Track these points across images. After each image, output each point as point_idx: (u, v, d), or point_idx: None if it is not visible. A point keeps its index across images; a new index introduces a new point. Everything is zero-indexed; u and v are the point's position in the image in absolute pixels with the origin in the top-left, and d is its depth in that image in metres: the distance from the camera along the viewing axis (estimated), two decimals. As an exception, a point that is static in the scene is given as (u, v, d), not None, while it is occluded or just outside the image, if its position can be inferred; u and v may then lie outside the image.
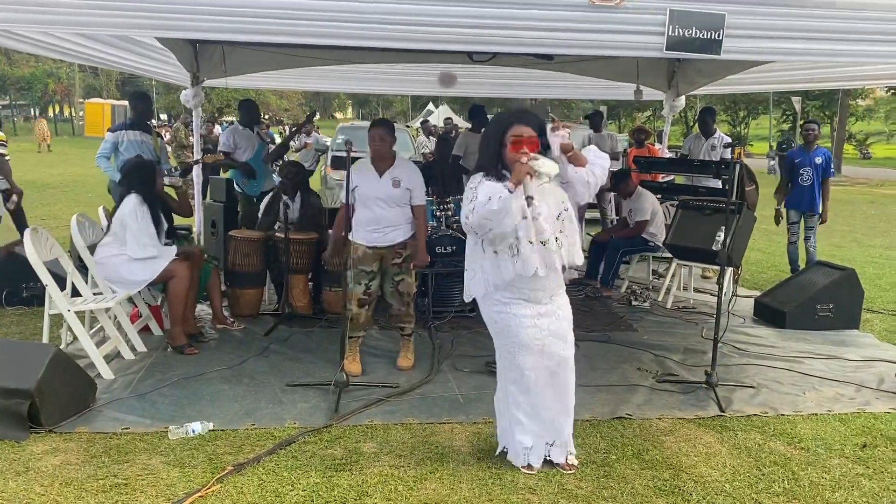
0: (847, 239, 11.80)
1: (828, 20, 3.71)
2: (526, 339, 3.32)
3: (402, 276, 4.84)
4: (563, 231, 3.29)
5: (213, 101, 37.22)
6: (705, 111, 8.27)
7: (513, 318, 3.33)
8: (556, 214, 3.28)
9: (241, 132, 7.34)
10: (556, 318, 3.37)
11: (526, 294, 3.30)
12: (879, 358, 5.41)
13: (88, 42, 5.78)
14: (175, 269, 5.01)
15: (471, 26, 3.60)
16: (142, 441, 3.68)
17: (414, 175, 4.80)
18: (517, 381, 3.41)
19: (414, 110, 48.16)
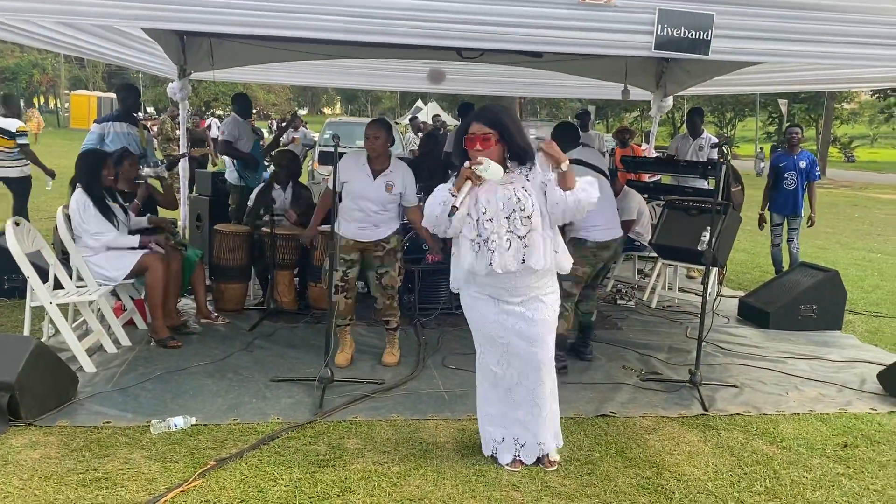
0: (831, 241, 11.91)
1: (816, 22, 3.73)
2: (489, 334, 3.34)
3: (386, 269, 4.83)
4: (514, 231, 3.18)
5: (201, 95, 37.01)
6: (694, 111, 8.31)
7: (477, 312, 3.36)
8: (506, 214, 3.19)
9: (242, 123, 7.39)
10: (525, 319, 3.28)
11: (488, 290, 3.29)
12: (861, 359, 5.45)
13: (73, 32, 5.71)
14: (150, 262, 4.97)
15: (460, 22, 3.59)
16: (123, 435, 3.65)
17: (407, 177, 4.78)
18: (485, 374, 3.45)
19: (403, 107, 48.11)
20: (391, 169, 4.72)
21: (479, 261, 3.20)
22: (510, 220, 3.17)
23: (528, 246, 3.18)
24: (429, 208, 3.25)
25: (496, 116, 3.23)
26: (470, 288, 3.35)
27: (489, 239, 3.17)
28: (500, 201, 3.18)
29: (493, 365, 3.38)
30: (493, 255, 3.16)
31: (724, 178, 5.63)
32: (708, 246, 4.65)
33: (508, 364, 3.35)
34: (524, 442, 3.44)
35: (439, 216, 3.19)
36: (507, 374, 3.37)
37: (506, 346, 3.32)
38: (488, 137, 3.18)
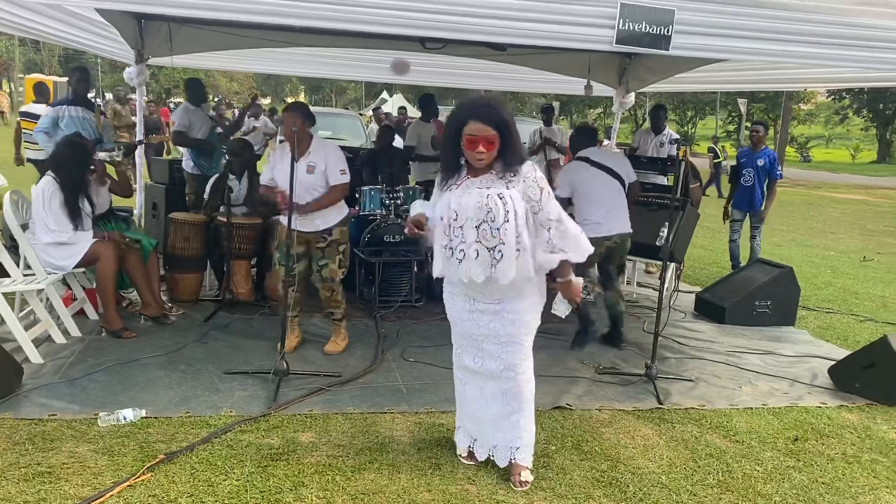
0: (786, 238, 12.14)
1: (775, 21, 3.77)
2: (464, 331, 3.26)
3: (326, 262, 4.78)
4: (482, 241, 2.96)
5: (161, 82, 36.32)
6: (658, 107, 8.40)
7: (453, 307, 3.28)
8: (475, 224, 2.96)
9: (194, 111, 7.14)
10: (501, 319, 3.14)
11: (462, 289, 3.18)
12: (813, 354, 5.56)
13: (24, 13, 5.49)
14: (101, 250, 4.84)
15: (422, 10, 3.55)
16: (69, 428, 3.55)
17: (330, 155, 4.68)
18: (461, 370, 3.38)
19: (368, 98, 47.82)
20: (311, 150, 4.65)
21: (448, 267, 3.10)
22: (479, 230, 2.96)
23: (496, 259, 2.96)
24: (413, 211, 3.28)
25: (499, 115, 2.95)
26: (447, 284, 3.27)
27: (457, 247, 3.02)
28: (470, 209, 2.96)
29: (468, 362, 3.29)
30: (459, 263, 3.01)
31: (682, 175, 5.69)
32: (665, 241, 4.69)
33: (482, 362, 3.24)
34: (496, 443, 3.31)
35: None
36: (480, 372, 3.26)
37: (479, 344, 3.22)
38: (493, 140, 2.94)
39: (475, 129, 2.93)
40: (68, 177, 4.85)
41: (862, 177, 32.31)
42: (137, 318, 5.29)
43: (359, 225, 6.54)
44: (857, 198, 22.51)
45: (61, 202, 4.79)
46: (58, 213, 4.78)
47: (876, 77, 5.80)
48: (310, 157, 4.64)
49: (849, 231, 14.12)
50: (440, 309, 6.04)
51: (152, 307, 5.26)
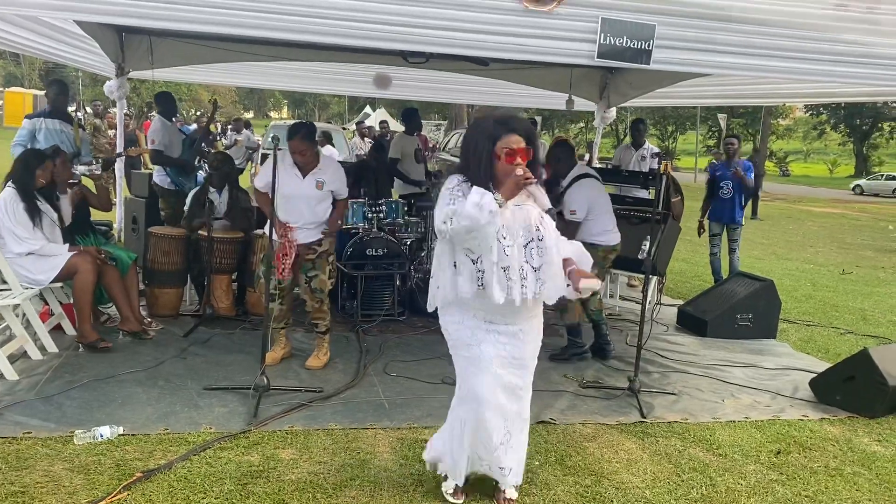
0: (766, 252, 12.24)
1: (754, 36, 3.80)
2: (479, 354, 2.99)
3: (316, 273, 4.80)
4: (530, 262, 2.92)
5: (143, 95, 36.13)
6: (637, 121, 8.44)
7: (467, 329, 3.02)
8: (523, 243, 2.92)
9: (168, 127, 7.02)
10: (518, 341, 3.03)
11: (482, 315, 2.99)
12: (794, 367, 5.58)
13: (3, 25, 5.46)
14: (78, 264, 4.78)
15: (404, 24, 3.54)
16: (44, 446, 3.47)
17: (337, 174, 4.85)
18: (469, 403, 3.06)
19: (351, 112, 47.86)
20: (321, 167, 4.76)
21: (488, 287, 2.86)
22: (527, 249, 2.91)
23: (541, 279, 2.93)
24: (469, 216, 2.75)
25: (532, 133, 2.94)
26: (456, 308, 3.02)
27: (509, 267, 2.87)
28: (519, 228, 2.90)
29: (480, 385, 2.99)
30: (513, 285, 2.87)
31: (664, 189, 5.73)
32: (648, 255, 4.70)
33: (498, 388, 3.01)
34: (510, 465, 3.16)
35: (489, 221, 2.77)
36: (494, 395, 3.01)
37: (497, 367, 3.00)
38: (529, 154, 2.88)
39: (514, 142, 2.87)
40: (21, 182, 4.80)
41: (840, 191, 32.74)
42: (116, 334, 5.21)
43: (341, 238, 6.49)
44: (835, 211, 22.79)
45: (24, 209, 4.74)
46: (23, 219, 4.73)
47: (853, 92, 5.88)
48: (318, 173, 4.72)
49: (828, 244, 14.28)
50: (423, 322, 6.04)
51: (131, 322, 5.19)
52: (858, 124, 42.14)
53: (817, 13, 3.79)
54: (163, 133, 6.90)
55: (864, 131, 42.89)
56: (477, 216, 2.74)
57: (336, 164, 4.95)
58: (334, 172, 4.83)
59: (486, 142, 2.91)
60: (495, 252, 2.85)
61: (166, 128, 6.97)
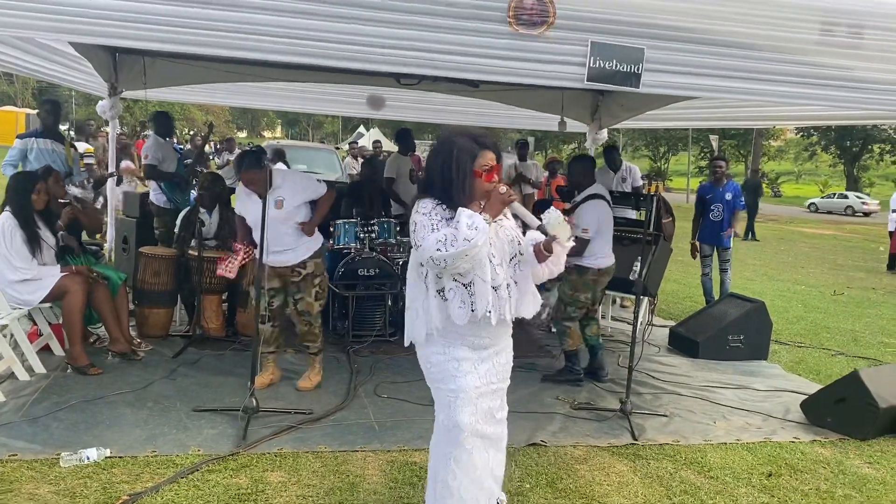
0: (758, 273, 12.28)
1: (742, 60, 3.85)
2: (464, 385, 2.83)
3: (301, 296, 4.74)
4: (514, 278, 2.87)
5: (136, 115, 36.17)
6: (608, 150, 8.54)
7: (452, 361, 2.84)
8: (508, 259, 2.86)
9: (163, 144, 7.09)
10: (497, 363, 2.93)
11: (470, 341, 2.84)
12: (785, 388, 5.59)
13: (-2, 45, 5.49)
14: (68, 284, 4.76)
15: (396, 48, 3.57)
16: (30, 469, 3.44)
17: (297, 186, 4.69)
18: (451, 434, 2.84)
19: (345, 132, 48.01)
20: (276, 185, 4.55)
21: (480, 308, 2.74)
22: (511, 265, 2.87)
23: (523, 294, 2.90)
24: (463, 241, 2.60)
25: (497, 146, 2.89)
26: (442, 340, 2.84)
27: (500, 286, 2.79)
28: (504, 244, 2.84)
29: (464, 422, 2.80)
30: (503, 304, 2.80)
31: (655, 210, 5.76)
32: (638, 276, 4.71)
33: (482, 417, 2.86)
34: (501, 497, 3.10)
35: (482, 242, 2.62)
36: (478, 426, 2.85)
37: (478, 395, 2.85)
38: (499, 167, 2.86)
39: (490, 159, 2.81)
40: (20, 209, 4.80)
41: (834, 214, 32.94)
42: (105, 354, 5.17)
43: (333, 258, 6.50)
44: (826, 232, 22.91)
45: (22, 238, 4.73)
46: (21, 249, 4.71)
47: (840, 115, 5.95)
48: (276, 192, 4.56)
49: (819, 265, 14.33)
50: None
51: (120, 343, 5.16)
52: (849, 146, 42.47)
53: (803, 38, 3.84)
54: (156, 149, 6.96)
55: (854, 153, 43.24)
56: (474, 238, 2.60)
57: (290, 174, 4.76)
58: (292, 184, 4.66)
59: (468, 161, 2.79)
60: (489, 272, 2.75)
61: (160, 145, 7.03)
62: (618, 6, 3.63)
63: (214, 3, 3.37)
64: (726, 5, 3.71)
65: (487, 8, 3.52)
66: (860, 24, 3.79)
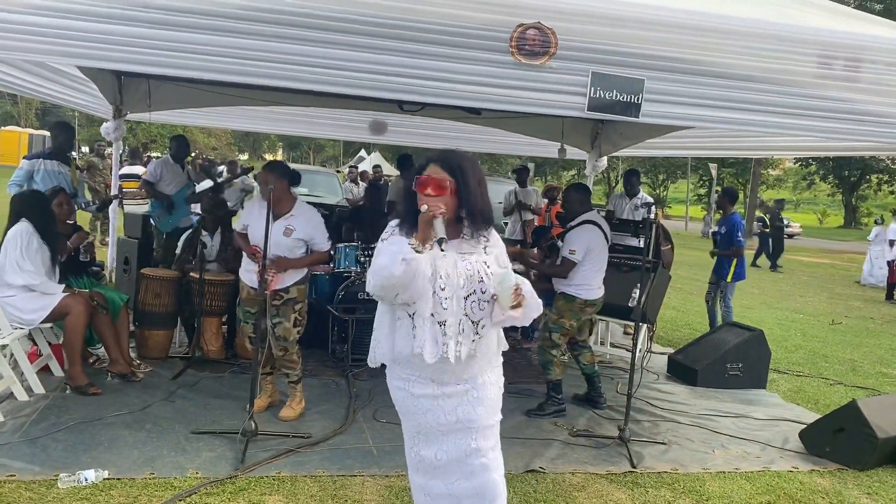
0: (756, 301, 12.29)
1: (740, 91, 3.90)
2: (425, 424, 2.67)
3: (280, 320, 4.62)
4: (469, 315, 2.58)
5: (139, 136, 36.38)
6: (630, 173, 8.57)
7: (409, 396, 2.68)
8: (464, 295, 2.57)
9: (171, 166, 7.25)
10: (470, 401, 2.66)
11: (426, 372, 2.62)
12: (784, 417, 5.58)
13: (4, 67, 5.56)
14: (71, 305, 4.77)
15: (399, 75, 3.62)
16: (28, 490, 3.43)
17: (311, 223, 4.63)
18: (421, 468, 2.74)
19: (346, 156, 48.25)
20: (293, 213, 4.58)
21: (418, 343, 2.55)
22: (468, 301, 2.58)
23: (479, 334, 2.61)
24: (382, 269, 2.46)
25: (457, 162, 2.59)
26: (397, 367, 2.70)
27: (446, 322, 2.55)
28: (460, 277, 2.56)
29: (430, 456, 2.69)
30: (448, 340, 2.54)
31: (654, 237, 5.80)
32: (637, 303, 4.74)
33: (447, 455, 2.68)
34: None
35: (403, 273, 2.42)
36: (447, 467, 2.69)
37: (444, 435, 2.67)
38: (444, 185, 2.53)
39: (429, 171, 2.59)
40: (45, 222, 4.85)
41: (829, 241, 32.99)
42: (104, 375, 5.17)
43: (333, 282, 6.52)
44: (824, 262, 22.94)
45: (38, 247, 4.77)
46: (34, 256, 4.75)
47: (838, 146, 6.00)
48: (290, 219, 4.55)
49: (817, 294, 14.36)
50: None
51: (120, 364, 5.16)
52: (847, 176, 42.70)
53: (801, 70, 3.89)
54: (157, 167, 7.11)
55: (852, 183, 43.47)
56: (389, 268, 2.42)
57: (311, 212, 4.70)
58: (308, 220, 4.62)
59: (410, 177, 2.65)
60: (430, 304, 2.54)
61: (166, 165, 7.18)
62: (618, 38, 3.69)
63: (221, 29, 3.42)
64: (726, 38, 3.77)
65: (491, 38, 3.57)
66: (858, 57, 3.85)
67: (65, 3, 3.30)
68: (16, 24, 3.32)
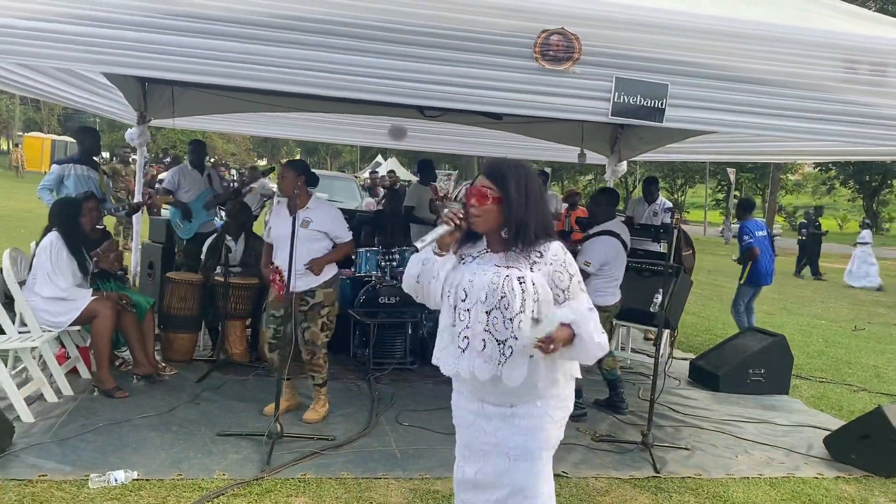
0: (777, 307, 12.20)
1: (763, 96, 3.90)
2: (468, 439, 2.60)
3: (308, 325, 4.68)
4: (493, 333, 2.39)
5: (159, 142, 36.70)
6: (649, 181, 8.60)
7: (457, 408, 2.65)
8: (486, 308, 2.39)
9: (189, 173, 7.24)
10: (512, 426, 2.48)
11: (469, 388, 2.55)
12: (808, 423, 5.55)
13: (32, 74, 5.64)
14: (98, 308, 4.85)
15: (423, 81, 3.66)
16: (59, 489, 3.49)
17: (327, 216, 4.70)
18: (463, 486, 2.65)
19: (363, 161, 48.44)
20: (309, 206, 4.65)
21: (447, 356, 2.51)
22: (490, 317, 2.38)
23: (504, 355, 2.38)
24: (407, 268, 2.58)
25: (499, 171, 2.47)
26: (453, 378, 2.61)
27: (461, 334, 2.44)
28: (483, 290, 2.40)
29: (471, 474, 2.58)
30: (462, 353, 2.44)
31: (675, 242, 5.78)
32: (660, 308, 4.73)
33: (486, 477, 2.55)
34: None
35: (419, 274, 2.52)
36: (486, 488, 2.56)
37: (486, 455, 2.54)
38: (486, 194, 2.42)
39: (478, 181, 2.49)
40: (71, 232, 4.92)
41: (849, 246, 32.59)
42: (130, 378, 5.24)
43: (354, 286, 6.57)
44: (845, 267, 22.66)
45: (68, 259, 4.86)
46: (65, 269, 4.84)
47: (860, 151, 5.97)
48: (307, 212, 4.63)
49: (839, 300, 14.22)
50: (434, 372, 6.00)
51: (145, 367, 5.23)
52: (868, 181, 42.18)
53: (826, 74, 3.88)
54: (174, 174, 7.16)
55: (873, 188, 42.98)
56: (408, 269, 2.54)
57: (328, 206, 4.79)
58: (325, 213, 4.69)
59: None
60: (447, 313, 2.49)
61: (183, 172, 7.20)
62: (642, 43, 3.70)
63: (245, 37, 3.47)
64: (750, 43, 3.77)
65: (514, 44, 3.59)
66: (884, 62, 3.84)
67: (92, 12, 3.36)
68: (46, 31, 3.38)
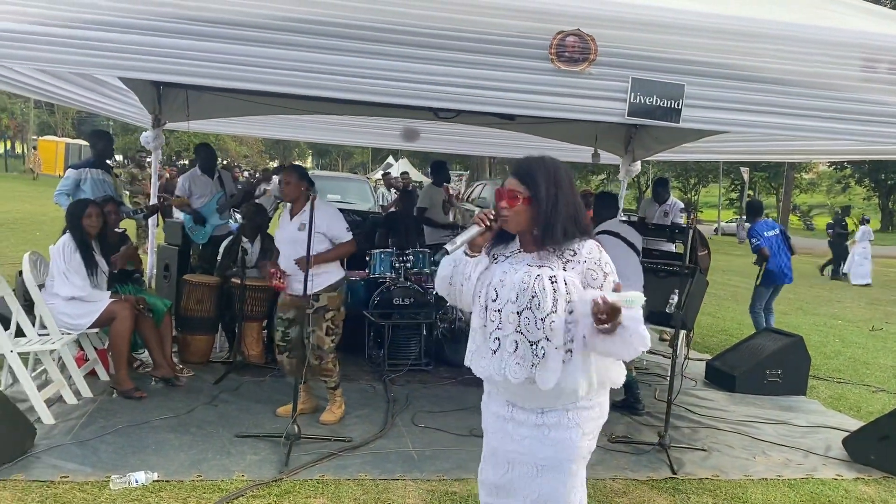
0: (793, 307, 12.12)
1: (779, 95, 3.88)
2: (494, 444, 2.52)
3: (313, 328, 4.65)
4: (525, 334, 2.28)
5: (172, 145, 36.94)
6: (658, 183, 8.58)
7: (487, 413, 2.58)
8: (516, 310, 2.29)
9: (199, 178, 7.13)
10: (540, 437, 2.38)
11: (500, 391, 2.49)
12: (826, 424, 5.51)
13: (48, 78, 5.69)
14: (117, 310, 4.89)
15: (438, 83, 3.66)
16: (81, 490, 3.52)
17: (325, 216, 4.65)
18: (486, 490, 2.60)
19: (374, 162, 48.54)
20: (306, 209, 4.59)
21: (478, 359, 2.44)
22: (521, 317, 2.29)
23: (538, 356, 2.28)
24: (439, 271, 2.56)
25: (526, 171, 2.40)
26: (484, 381, 2.56)
27: (492, 335, 2.37)
28: (513, 290, 2.31)
29: (495, 479, 2.53)
30: (493, 355, 2.36)
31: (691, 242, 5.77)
32: (677, 308, 4.71)
33: (511, 484, 2.47)
34: None
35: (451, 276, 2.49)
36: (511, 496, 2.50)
37: (511, 463, 2.46)
38: (515, 195, 2.36)
39: (508, 182, 2.43)
40: (75, 233, 4.97)
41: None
42: (148, 380, 5.28)
43: (368, 287, 6.58)
44: (861, 266, 22.46)
45: (81, 260, 4.91)
46: (79, 268, 4.89)
47: (876, 150, 5.92)
48: (304, 215, 4.60)
49: (856, 300, 14.11)
50: (449, 373, 6.04)
51: (163, 369, 5.26)
52: (883, 179, 41.88)
53: (844, 73, 3.86)
54: (185, 181, 7.14)
55: (889, 186, 42.64)
56: (440, 270, 2.55)
57: (324, 206, 4.77)
58: (322, 214, 4.59)
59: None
60: (478, 314, 2.43)
61: (193, 178, 7.14)
62: (658, 44, 3.69)
63: (261, 41, 3.48)
64: (766, 42, 3.75)
65: (530, 45, 3.59)
66: (903, 60, 3.81)
67: (109, 17, 3.39)
68: (63, 37, 3.41)
